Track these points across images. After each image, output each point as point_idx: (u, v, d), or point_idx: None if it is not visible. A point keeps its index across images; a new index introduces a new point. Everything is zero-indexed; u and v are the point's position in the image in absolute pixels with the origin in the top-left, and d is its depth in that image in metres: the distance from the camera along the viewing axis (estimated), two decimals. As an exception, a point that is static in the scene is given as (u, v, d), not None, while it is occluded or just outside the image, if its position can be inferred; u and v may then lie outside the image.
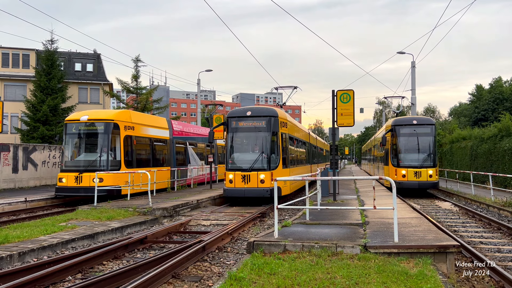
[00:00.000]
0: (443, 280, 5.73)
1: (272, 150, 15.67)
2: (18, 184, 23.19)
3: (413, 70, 30.18)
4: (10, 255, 7.68)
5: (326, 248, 7.22)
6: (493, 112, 49.85)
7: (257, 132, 15.94)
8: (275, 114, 15.97)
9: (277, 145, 15.71)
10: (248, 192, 15.30)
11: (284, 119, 16.75)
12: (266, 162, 15.49)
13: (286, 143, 16.54)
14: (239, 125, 16.08)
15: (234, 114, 16.45)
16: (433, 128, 20.73)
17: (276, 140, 15.78)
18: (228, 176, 15.70)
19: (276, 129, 15.75)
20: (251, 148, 16.24)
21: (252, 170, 15.38)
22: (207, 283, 6.63)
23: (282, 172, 15.70)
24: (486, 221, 12.69)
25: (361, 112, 51.36)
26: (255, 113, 16.05)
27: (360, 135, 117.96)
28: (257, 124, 15.86)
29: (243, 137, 16.55)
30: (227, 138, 16.30)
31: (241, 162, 15.92)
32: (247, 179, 15.33)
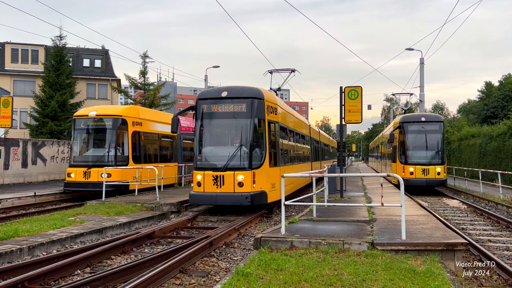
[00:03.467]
0: (451, 278, 5.71)
1: (256, 143, 12.12)
2: (27, 178, 23.42)
3: (421, 66, 29.94)
4: (20, 248, 7.77)
5: (333, 244, 7.22)
6: (502, 110, 49.36)
7: (235, 119, 12.17)
8: (260, 96, 12.18)
9: (263, 137, 12.16)
10: (221, 199, 11.59)
11: (273, 103, 13.07)
12: (247, 158, 11.84)
13: (276, 135, 13.10)
14: (211, 110, 12.31)
15: (205, 96, 12.58)
16: (441, 125, 20.60)
17: (261, 130, 12.19)
18: (195, 177, 12.01)
19: (261, 115, 12.12)
20: (227, 140, 12.62)
21: (227, 169, 11.71)
22: (214, 278, 6.66)
23: (270, 171, 12.35)
24: (494, 219, 12.61)
25: (368, 109, 51.21)
26: (232, 94, 12.21)
27: (367, 132, 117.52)
28: (235, 108, 12.13)
29: (216, 126, 12.70)
30: (195, 127, 12.58)
31: (212, 159, 12.26)
32: (220, 182, 11.61)
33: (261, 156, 12.11)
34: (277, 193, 12.42)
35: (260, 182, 11.71)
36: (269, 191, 12.12)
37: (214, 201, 11.70)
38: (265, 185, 11.88)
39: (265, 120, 12.24)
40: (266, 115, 12.34)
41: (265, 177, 11.98)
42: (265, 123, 12.24)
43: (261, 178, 11.77)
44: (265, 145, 12.19)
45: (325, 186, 12.47)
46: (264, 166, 12.03)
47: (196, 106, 12.60)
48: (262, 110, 12.16)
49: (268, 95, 12.86)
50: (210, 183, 11.76)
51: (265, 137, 12.20)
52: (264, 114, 12.22)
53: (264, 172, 12.02)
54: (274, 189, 12.49)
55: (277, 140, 13.20)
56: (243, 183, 11.55)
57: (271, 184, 12.33)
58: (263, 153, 12.15)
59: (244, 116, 12.10)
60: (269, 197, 12.14)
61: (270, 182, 12.19)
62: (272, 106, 12.98)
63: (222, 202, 11.68)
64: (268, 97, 12.63)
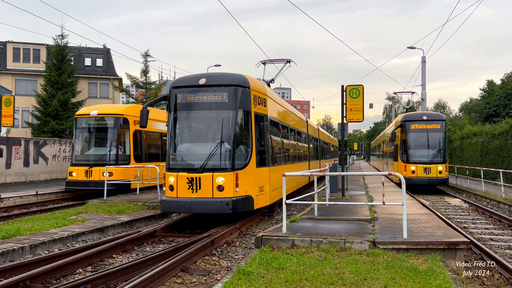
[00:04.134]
0: (452, 277, 5.70)
1: (240, 140, 10.39)
2: (29, 177, 23.47)
3: (423, 65, 29.89)
4: (21, 247, 7.79)
5: (334, 243, 7.22)
6: (504, 108, 49.26)
7: (215, 110, 10.43)
8: (245, 84, 10.44)
9: (249, 132, 10.45)
10: (196, 206, 9.69)
11: (261, 93, 11.23)
12: (228, 157, 10.01)
13: (265, 130, 11.24)
14: (186, 100, 10.46)
15: (179, 83, 10.72)
16: (443, 124, 20.56)
17: (246, 123, 10.47)
18: (167, 179, 10.16)
19: (246, 106, 10.40)
20: (206, 135, 10.76)
21: (205, 170, 9.79)
22: (215, 277, 6.67)
23: (257, 172, 10.55)
24: (496, 218, 12.59)
25: (370, 108, 51.18)
26: (212, 81, 10.40)
27: (369, 131, 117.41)
28: (215, 97, 10.35)
29: (192, 119, 10.80)
30: (168, 120, 10.75)
31: (188, 158, 10.53)
32: (197, 185, 9.77)
33: (246, 154, 10.29)
34: (266, 197, 11.05)
35: (244, 185, 9.92)
36: (256, 196, 10.33)
37: (188, 209, 9.76)
38: (251, 189, 10.13)
39: (251, 112, 10.48)
40: (253, 107, 10.58)
41: (251, 179, 10.18)
42: (251, 115, 10.48)
43: (246, 180, 9.98)
44: (252, 142, 10.41)
45: (326, 185, 12.46)
46: (250, 166, 10.25)
47: (169, 95, 10.76)
48: (247, 100, 10.45)
49: (256, 83, 11.13)
50: (184, 186, 9.81)
51: (252, 132, 10.44)
52: (250, 105, 10.48)
53: (250, 173, 10.21)
54: (262, 192, 10.77)
55: (266, 136, 11.28)
56: (224, 187, 9.69)
57: (259, 187, 10.58)
58: (248, 151, 10.34)
59: (226, 107, 10.31)
60: (256, 202, 10.32)
61: (258, 184, 10.48)
62: (260, 97, 11.17)
63: (198, 210, 9.80)
64: (255, 86, 10.92)
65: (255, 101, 10.82)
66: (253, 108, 10.63)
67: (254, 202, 10.22)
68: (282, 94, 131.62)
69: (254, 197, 10.27)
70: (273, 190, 11.72)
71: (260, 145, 10.91)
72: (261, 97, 11.22)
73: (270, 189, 11.39)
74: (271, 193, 11.57)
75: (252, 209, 10.28)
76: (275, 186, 11.85)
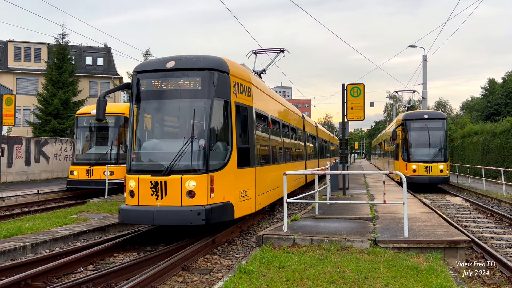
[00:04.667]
0: (453, 275, 5.70)
1: (216, 135, 8.62)
2: (30, 176, 23.50)
3: (424, 63, 29.85)
4: (23, 246, 7.81)
5: (335, 242, 7.22)
6: (505, 107, 49.21)
7: (186, 99, 8.59)
8: (223, 68, 8.69)
9: (228, 126, 8.70)
10: (160, 217, 7.86)
11: (245, 81, 9.50)
12: (201, 156, 8.22)
13: (249, 124, 9.60)
14: (152, 87, 8.64)
15: (144, 67, 8.94)
16: (444, 123, 20.54)
17: (225, 116, 8.73)
18: (127, 184, 8.48)
19: (224, 94, 8.64)
20: (174, 130, 9.13)
21: (173, 172, 8.06)
22: (216, 276, 6.68)
23: (239, 174, 8.86)
24: (497, 217, 12.57)
25: (371, 106, 51.12)
26: (182, 64, 8.59)
27: (370, 130, 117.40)
28: (186, 84, 8.48)
29: (158, 110, 8.93)
30: (130, 112, 8.99)
31: (152, 157, 8.77)
32: (162, 191, 7.97)
33: (224, 153, 8.58)
34: (251, 203, 9.42)
35: (222, 189, 8.23)
36: (237, 202, 8.62)
37: (151, 220, 7.92)
38: (230, 194, 8.45)
39: (230, 102, 8.75)
40: (233, 96, 8.87)
41: (230, 183, 8.50)
42: (230, 106, 8.74)
43: (224, 184, 8.29)
44: (232, 138, 8.69)
45: (327, 184, 12.46)
46: (230, 167, 8.52)
47: (131, 82, 9.00)
48: (226, 88, 8.68)
49: (237, 68, 9.36)
50: (147, 192, 8.03)
51: (232, 126, 8.73)
52: (230, 93, 8.76)
53: (230, 176, 8.50)
54: (246, 198, 9.14)
55: (251, 131, 9.67)
56: (196, 192, 7.91)
57: (241, 192, 8.90)
58: (228, 148, 8.62)
59: (199, 96, 8.52)
60: (237, 210, 8.61)
61: (240, 188, 8.83)
62: (243, 85, 9.47)
63: (162, 221, 7.95)
64: (236, 71, 9.18)
65: (237, 89, 9.07)
66: (234, 98, 8.88)
67: (234, 210, 8.49)
68: (283, 93, 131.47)
69: (235, 204, 8.54)
70: (261, 195, 10.17)
71: (243, 141, 9.23)
72: (244, 85, 9.50)
73: (256, 193, 9.77)
74: (258, 198, 9.89)
75: (232, 218, 8.50)
76: (262, 190, 10.36)
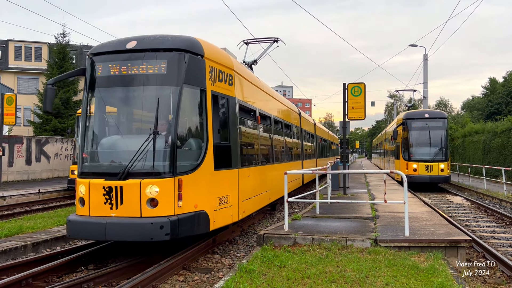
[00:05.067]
0: (454, 275, 5.70)
1: (187, 130, 7.30)
2: (31, 176, 23.52)
3: (425, 63, 29.82)
4: (24, 245, 7.82)
5: (336, 241, 7.23)
6: (506, 106, 49.18)
7: (150, 86, 7.14)
8: (195, 49, 7.21)
9: (202, 120, 7.26)
10: (114, 231, 6.41)
11: (225, 66, 8.06)
12: (167, 156, 6.75)
13: (231, 118, 8.19)
14: (109, 72, 7.16)
15: (100, 49, 7.45)
16: (445, 122, 20.53)
17: (199, 107, 7.32)
18: (78, 190, 7.05)
19: (197, 81, 7.23)
20: (133, 124, 7.60)
21: (130, 175, 6.62)
22: (217, 275, 6.68)
23: (217, 177, 7.48)
24: (498, 216, 12.57)
25: (372, 106, 51.08)
26: (146, 45, 7.13)
27: (371, 129, 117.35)
28: (149, 68, 7.04)
29: (115, 99, 7.45)
30: (83, 102, 7.46)
31: (105, 157, 7.27)
32: (118, 198, 6.56)
33: (197, 152, 7.13)
34: (232, 211, 7.99)
35: (194, 196, 6.85)
36: (213, 211, 7.24)
37: (102, 234, 6.37)
38: (205, 201, 7.07)
39: (206, 90, 7.29)
40: (209, 83, 7.42)
41: (205, 187, 7.11)
42: (205, 95, 7.28)
43: (196, 189, 6.91)
44: (207, 134, 7.26)
45: (328, 183, 12.46)
46: (204, 169, 7.10)
47: (86, 67, 7.52)
48: (199, 73, 7.22)
49: (215, 52, 7.83)
50: (99, 200, 6.58)
51: (207, 120, 7.29)
52: (205, 80, 7.28)
53: (204, 179, 7.09)
54: (225, 205, 7.70)
55: (233, 126, 8.30)
56: (158, 200, 6.45)
57: (219, 198, 7.51)
58: (202, 146, 7.19)
59: (165, 82, 7.05)
60: (214, 220, 7.24)
61: (217, 194, 7.46)
62: (223, 71, 8.01)
63: (116, 236, 6.44)
64: (214, 55, 7.65)
65: (214, 76, 7.63)
66: (210, 86, 7.45)
67: (210, 221, 7.07)
68: (283, 92, 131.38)
69: (211, 213, 7.16)
70: (245, 200, 8.80)
71: (223, 138, 7.80)
72: (224, 71, 8.03)
73: (240, 199, 8.42)
74: (242, 205, 8.54)
75: (207, 230, 7.08)
76: (248, 195, 9.03)
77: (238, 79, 8.87)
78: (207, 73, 7.43)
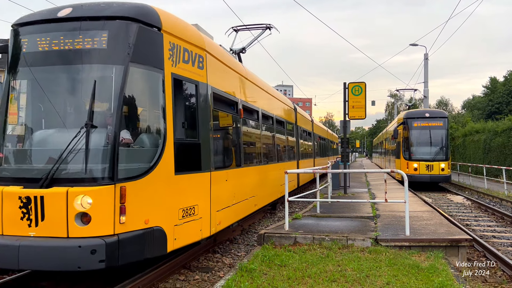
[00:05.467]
0: (455, 274, 5.71)
1: (133, 122, 5.69)
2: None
3: (425, 62, 29.81)
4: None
5: (336, 240, 7.23)
6: (507, 105, 49.16)
7: (85, 65, 5.49)
8: (148, 18, 5.71)
9: (160, 109, 5.74)
10: (28, 257, 4.75)
11: (193, 44, 6.57)
12: (104, 156, 5.12)
13: (199, 108, 6.64)
14: (36, 47, 5.56)
15: (27, 19, 5.85)
16: (445, 121, 20.53)
17: (154, 93, 5.88)
18: None
19: (150, 59, 5.71)
20: (63, 114, 5.66)
21: (55, 182, 4.99)
22: (218, 274, 6.69)
23: (179, 183, 5.99)
24: (499, 215, 12.57)
25: (372, 105, 51.06)
26: (83, 12, 5.54)
27: (371, 128, 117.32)
28: (86, 42, 5.41)
29: (42, 82, 5.66)
30: (3, 87, 5.92)
31: (23, 158, 5.73)
32: (37, 213, 4.92)
33: (151, 151, 5.63)
34: (201, 225, 6.48)
35: (144, 208, 5.34)
36: (174, 226, 5.77)
37: (14, 262, 4.81)
38: (161, 215, 5.57)
39: (163, 72, 5.80)
40: (169, 64, 5.92)
41: (161, 196, 5.61)
42: (163, 79, 5.79)
43: (148, 199, 5.40)
44: (164, 128, 5.74)
45: (328, 182, 12.47)
46: (159, 173, 5.58)
47: (9, 40, 5.95)
48: (154, 50, 5.72)
49: (178, 25, 6.32)
50: (14, 215, 5.05)
51: (165, 110, 5.77)
52: (162, 59, 5.77)
53: (159, 186, 5.58)
54: (192, 218, 6.23)
55: (204, 119, 6.73)
56: (91, 216, 4.92)
57: (182, 210, 6.01)
58: (158, 143, 5.69)
59: (105, 59, 5.48)
60: (176, 237, 5.79)
61: (180, 205, 5.96)
62: (191, 51, 6.48)
63: (32, 264, 4.87)
64: (176, 28, 6.17)
65: (177, 56, 6.09)
66: (171, 67, 5.92)
67: (167, 240, 5.59)
68: (284, 91, 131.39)
69: (170, 229, 5.65)
70: (221, 210, 7.34)
71: (189, 134, 6.30)
72: (192, 51, 6.49)
73: (213, 209, 6.96)
74: (216, 216, 7.05)
75: (164, 252, 5.59)
76: (225, 203, 7.56)
77: (213, 62, 7.26)
78: (165, 51, 5.85)
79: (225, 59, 8.21)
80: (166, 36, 5.91)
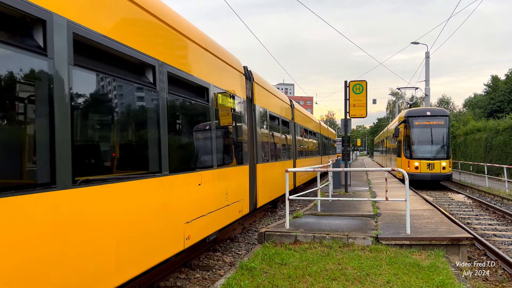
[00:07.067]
0: (456, 272, 5.70)
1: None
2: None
3: (427, 60, 29.74)
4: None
5: (337, 239, 7.23)
6: (509, 104, 49.01)
7: None
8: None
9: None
10: None
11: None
12: None
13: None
14: None
15: None
16: (447, 120, 20.49)
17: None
18: None
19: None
20: None
21: None
22: (218, 273, 6.69)
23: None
24: (500, 214, 12.55)
25: (374, 103, 50.94)
26: None
27: (372, 127, 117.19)
28: None
29: None
30: None
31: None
32: None
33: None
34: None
35: None
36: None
37: None
38: None
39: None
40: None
41: None
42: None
43: None
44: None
45: (329, 181, 12.46)
46: None
47: None
48: None
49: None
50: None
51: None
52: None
53: None
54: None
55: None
56: None
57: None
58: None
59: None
60: None
61: None
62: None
63: None
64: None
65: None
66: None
67: None
68: (285, 90, 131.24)
69: None
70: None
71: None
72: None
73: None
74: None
75: None
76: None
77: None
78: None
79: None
80: None
